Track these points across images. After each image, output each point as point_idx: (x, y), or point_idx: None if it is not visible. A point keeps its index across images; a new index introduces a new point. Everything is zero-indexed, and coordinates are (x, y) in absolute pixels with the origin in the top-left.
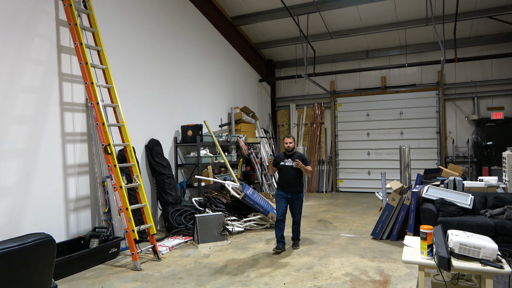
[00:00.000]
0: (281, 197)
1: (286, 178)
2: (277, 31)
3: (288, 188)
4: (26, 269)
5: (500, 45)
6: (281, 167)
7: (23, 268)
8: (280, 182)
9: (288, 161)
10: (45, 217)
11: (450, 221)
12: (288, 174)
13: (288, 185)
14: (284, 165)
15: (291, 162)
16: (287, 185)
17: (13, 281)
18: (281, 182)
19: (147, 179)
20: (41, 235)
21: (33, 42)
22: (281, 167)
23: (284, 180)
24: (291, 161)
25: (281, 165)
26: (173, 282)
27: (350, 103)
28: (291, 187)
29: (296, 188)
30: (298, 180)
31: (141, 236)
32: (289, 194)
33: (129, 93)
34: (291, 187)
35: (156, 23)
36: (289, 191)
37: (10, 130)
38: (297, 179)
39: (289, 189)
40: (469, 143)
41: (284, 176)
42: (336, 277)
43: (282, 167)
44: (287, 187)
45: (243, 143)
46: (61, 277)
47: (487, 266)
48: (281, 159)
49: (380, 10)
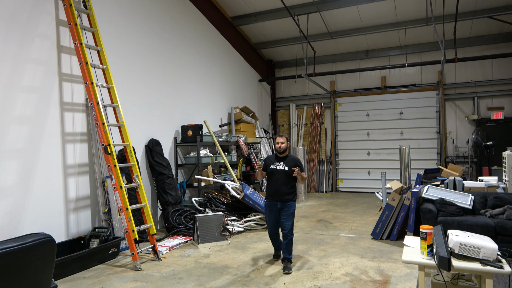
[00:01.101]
0: (270, 207)
1: (276, 184)
2: (277, 31)
3: (278, 196)
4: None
5: (500, 45)
6: (271, 172)
7: (23, 268)
8: (269, 190)
9: (279, 165)
10: (45, 217)
11: (450, 221)
12: (279, 180)
13: (279, 193)
14: (274, 169)
15: (283, 166)
16: (277, 193)
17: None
18: (271, 189)
19: (147, 179)
20: (41, 235)
21: (33, 42)
22: (271, 172)
23: (274, 186)
24: (283, 165)
25: (271, 169)
26: (173, 282)
27: (350, 103)
28: (281, 195)
29: (287, 196)
30: (290, 187)
31: (141, 236)
32: (279, 203)
33: (129, 93)
34: (282, 195)
35: (156, 23)
36: (279, 200)
37: (10, 130)
38: (289, 186)
39: (280, 197)
40: (469, 143)
41: (274, 183)
42: (336, 277)
43: (272, 171)
44: (277, 195)
45: (243, 143)
46: (61, 277)
47: (487, 266)
48: (271, 162)
49: (380, 10)
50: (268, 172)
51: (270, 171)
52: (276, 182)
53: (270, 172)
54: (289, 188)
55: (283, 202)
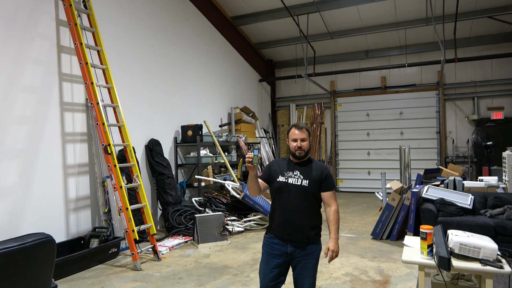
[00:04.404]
0: (272, 251)
1: (289, 209)
2: (277, 31)
3: (290, 231)
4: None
5: (500, 45)
6: (279, 187)
7: (23, 268)
8: (277, 218)
9: (295, 176)
10: (45, 217)
11: (450, 221)
12: (293, 202)
13: (291, 227)
14: (284, 184)
15: (300, 179)
16: (288, 225)
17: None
18: (279, 217)
19: (147, 179)
20: (41, 235)
21: (33, 42)
22: (280, 186)
23: (285, 213)
24: (299, 177)
25: (280, 182)
26: (173, 282)
27: (350, 103)
28: (297, 230)
29: (308, 233)
30: (312, 215)
31: (141, 236)
32: (290, 246)
33: (129, 93)
34: (298, 231)
35: (156, 23)
36: (293, 239)
37: (10, 130)
38: (311, 214)
39: (293, 234)
40: (469, 143)
41: (284, 206)
42: (336, 277)
43: (281, 186)
44: (288, 231)
45: (243, 143)
46: (61, 277)
47: (487, 266)
48: (279, 170)
49: (380, 10)
50: (274, 188)
51: (279, 187)
52: (288, 204)
53: (278, 188)
54: (310, 218)
55: (300, 244)
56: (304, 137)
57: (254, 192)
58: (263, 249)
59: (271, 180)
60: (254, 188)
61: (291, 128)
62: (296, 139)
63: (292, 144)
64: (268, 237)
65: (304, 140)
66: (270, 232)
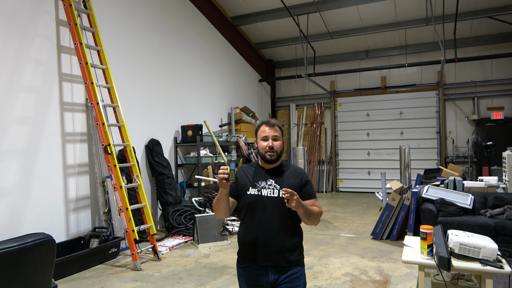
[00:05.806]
0: (252, 281)
1: (265, 228)
2: (277, 31)
3: (270, 255)
4: (26, 269)
5: (500, 45)
6: (252, 201)
7: (23, 268)
8: (251, 241)
9: (270, 187)
10: (45, 217)
11: (450, 221)
12: (271, 219)
13: (271, 248)
14: (259, 197)
15: (274, 190)
16: (267, 248)
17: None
18: (254, 240)
19: (147, 179)
20: (41, 235)
21: (33, 42)
22: (253, 201)
23: (261, 234)
24: (274, 187)
25: (253, 196)
26: (173, 282)
27: (350, 103)
28: (277, 252)
29: (288, 255)
30: (291, 232)
31: (141, 236)
32: (271, 273)
33: (129, 93)
34: (278, 253)
35: (156, 23)
36: (274, 264)
37: (10, 130)
38: (292, 231)
39: (274, 258)
40: (469, 143)
41: (259, 224)
42: (336, 277)
43: (254, 200)
44: (268, 253)
45: (243, 143)
46: (61, 277)
47: (487, 266)
48: (249, 181)
49: (380, 10)
50: (242, 203)
51: (250, 201)
52: (261, 223)
53: (250, 204)
54: (292, 236)
55: (282, 269)
56: (277, 135)
57: (224, 213)
58: (240, 282)
59: (239, 194)
60: (224, 210)
61: (260, 125)
62: (267, 137)
63: (262, 144)
64: (242, 266)
65: (276, 139)
66: (244, 260)
